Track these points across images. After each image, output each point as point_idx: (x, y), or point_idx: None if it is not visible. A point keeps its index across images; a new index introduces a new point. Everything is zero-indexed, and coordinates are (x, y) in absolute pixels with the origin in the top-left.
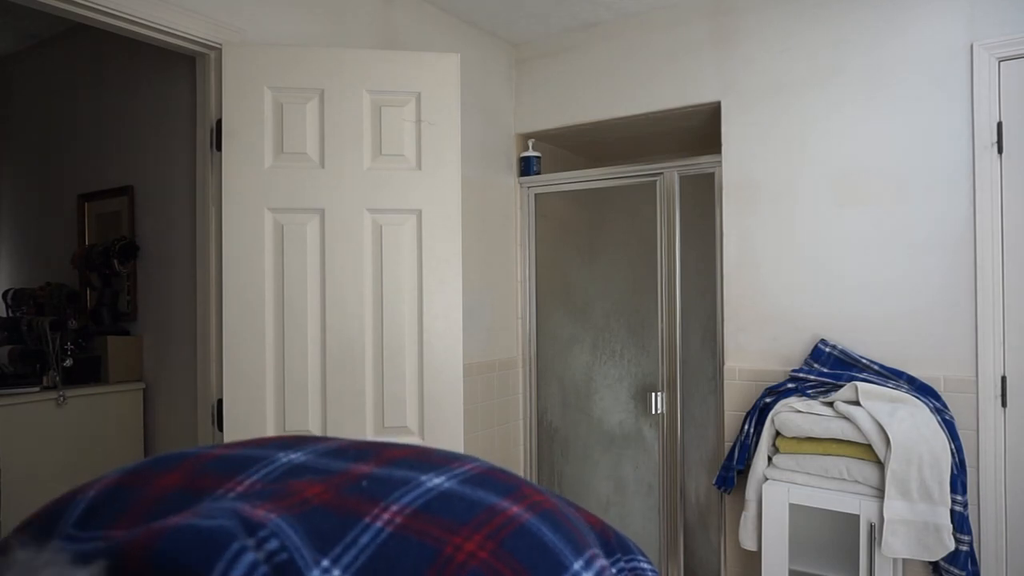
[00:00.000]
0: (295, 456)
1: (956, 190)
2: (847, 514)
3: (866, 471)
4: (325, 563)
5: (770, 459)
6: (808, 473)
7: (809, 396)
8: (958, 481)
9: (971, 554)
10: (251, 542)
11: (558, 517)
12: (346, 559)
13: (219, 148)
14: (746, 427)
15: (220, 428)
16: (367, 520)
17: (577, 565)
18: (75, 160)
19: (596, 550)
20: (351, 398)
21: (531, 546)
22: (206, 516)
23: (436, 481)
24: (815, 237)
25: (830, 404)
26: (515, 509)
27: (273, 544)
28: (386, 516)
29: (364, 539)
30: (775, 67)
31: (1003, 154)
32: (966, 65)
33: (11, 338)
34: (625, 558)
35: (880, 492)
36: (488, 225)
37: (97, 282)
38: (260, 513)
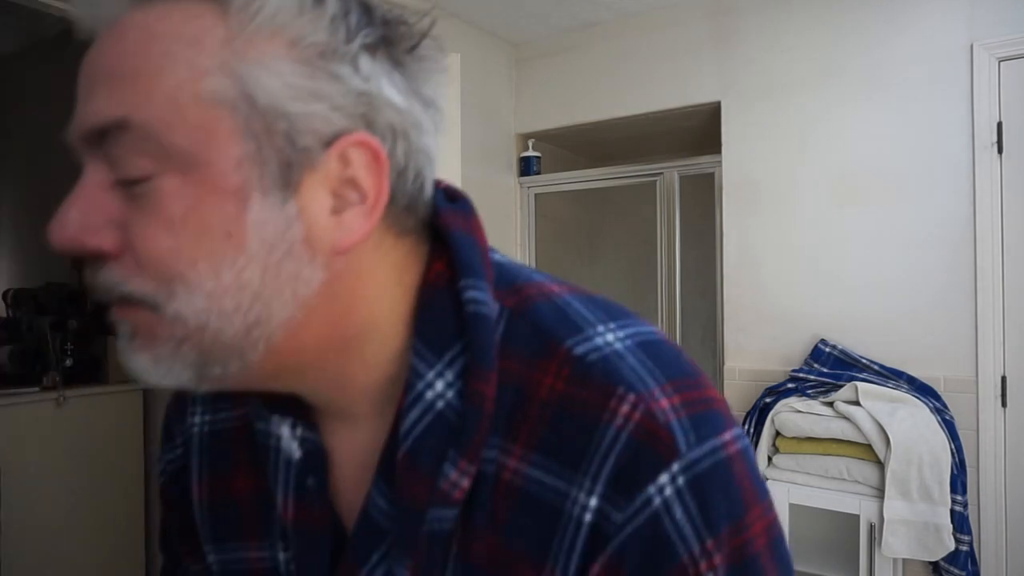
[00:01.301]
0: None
1: (956, 190)
2: (847, 514)
3: (866, 471)
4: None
5: (770, 459)
6: (808, 473)
7: (809, 396)
8: (958, 481)
9: (971, 554)
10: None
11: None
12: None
13: None
14: (746, 427)
15: None
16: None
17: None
18: (75, 160)
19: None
20: None
21: None
22: None
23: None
24: (815, 237)
25: (830, 404)
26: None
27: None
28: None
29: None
30: (775, 67)
31: (1003, 154)
32: (966, 65)
33: (11, 338)
34: None
35: (880, 492)
36: (488, 225)
37: None
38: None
